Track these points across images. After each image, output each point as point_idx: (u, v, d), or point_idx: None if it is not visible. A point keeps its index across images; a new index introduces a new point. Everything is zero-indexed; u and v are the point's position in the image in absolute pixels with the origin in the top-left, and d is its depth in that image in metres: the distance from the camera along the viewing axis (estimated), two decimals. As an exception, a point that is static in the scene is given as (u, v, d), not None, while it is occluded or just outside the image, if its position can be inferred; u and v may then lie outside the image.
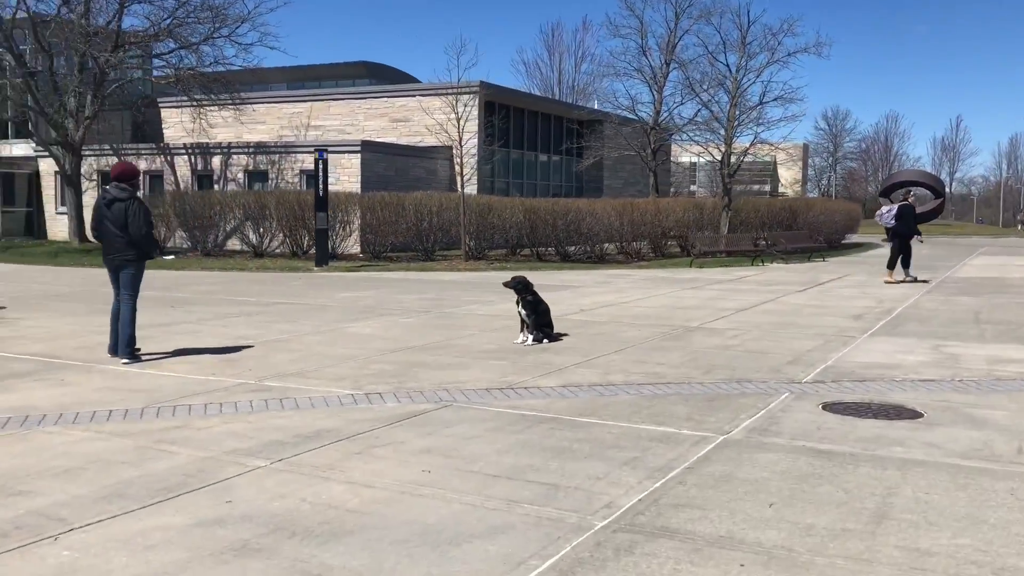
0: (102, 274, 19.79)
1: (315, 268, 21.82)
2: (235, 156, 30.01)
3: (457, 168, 25.35)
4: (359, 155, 28.07)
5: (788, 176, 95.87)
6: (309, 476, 4.88)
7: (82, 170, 31.91)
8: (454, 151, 26.34)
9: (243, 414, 6.35)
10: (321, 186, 22.30)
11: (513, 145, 36.34)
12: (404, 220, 25.01)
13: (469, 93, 31.77)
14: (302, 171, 28.99)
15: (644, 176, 38.45)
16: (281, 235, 25.23)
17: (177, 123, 37.21)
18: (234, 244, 25.97)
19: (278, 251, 25.35)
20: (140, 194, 9.12)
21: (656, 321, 11.87)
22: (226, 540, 3.94)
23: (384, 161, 29.29)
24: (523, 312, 9.94)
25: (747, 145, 29.14)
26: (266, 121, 35.58)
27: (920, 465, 5.23)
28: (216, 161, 30.33)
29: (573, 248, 25.98)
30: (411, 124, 32.98)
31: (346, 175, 28.25)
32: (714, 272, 21.63)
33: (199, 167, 30.73)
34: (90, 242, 28.79)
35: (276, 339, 10.03)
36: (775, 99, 28.08)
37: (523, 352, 9.27)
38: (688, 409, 6.65)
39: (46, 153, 32.79)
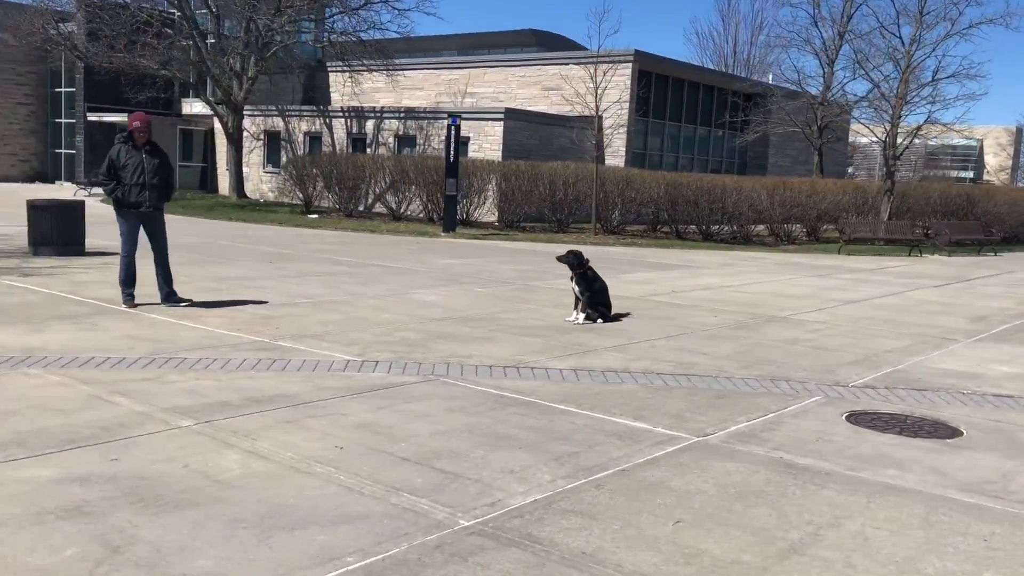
0: (239, 228, 20.94)
1: (442, 234, 21.97)
2: (387, 121, 30.66)
3: (595, 138, 24.73)
4: (502, 123, 27.97)
5: (995, 163, 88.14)
6: (217, 441, 4.74)
7: (251, 130, 33.72)
8: (596, 121, 25.72)
9: (222, 371, 6.32)
10: (452, 153, 22.34)
11: (670, 117, 35.17)
12: (538, 190, 24.72)
13: (621, 62, 30.97)
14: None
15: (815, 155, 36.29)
16: (419, 200, 25.55)
17: (343, 87, 38.46)
18: (379, 207, 26.57)
19: (417, 215, 25.70)
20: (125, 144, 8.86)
21: (742, 308, 11.05)
22: (68, 499, 3.84)
23: (528, 130, 29.05)
24: (577, 288, 9.47)
25: (916, 125, 26.77)
26: (424, 87, 36.13)
27: (900, 493, 4.47)
28: (369, 125, 31.12)
29: (717, 227, 24.88)
30: (562, 92, 32.52)
31: (489, 143, 28.25)
32: (860, 260, 20.08)
33: (354, 130, 31.64)
34: (247, 197, 30.39)
35: (333, 300, 10.04)
36: (951, 75, 25.58)
37: (565, 330, 8.82)
38: (684, 406, 6.05)
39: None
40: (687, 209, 24.71)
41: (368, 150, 30.72)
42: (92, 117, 33.96)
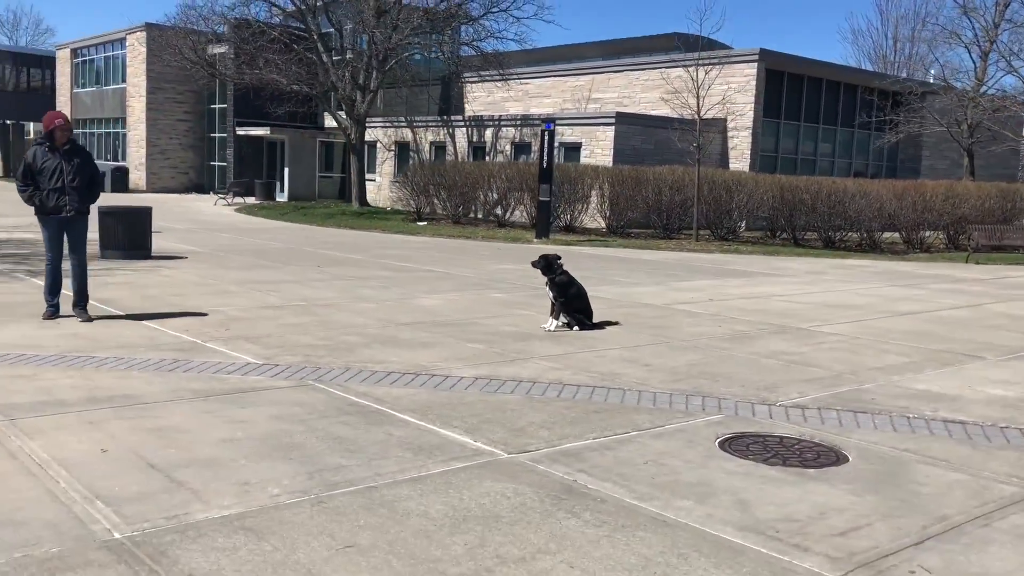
0: (336, 234, 21.55)
1: (535, 240, 21.73)
2: (504, 129, 30.77)
3: (697, 140, 23.74)
4: (612, 128, 27.42)
5: None
6: (-6, 438, 4.76)
7: (383, 141, 34.79)
8: (698, 123, 24.68)
9: (104, 370, 6.40)
10: (546, 158, 22.10)
11: (806, 118, 33.31)
12: (643, 195, 24.03)
13: (745, 61, 29.70)
14: (561, 143, 28.99)
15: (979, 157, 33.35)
16: (522, 207, 25.45)
17: (476, 97, 39.00)
18: (486, 214, 26.67)
19: (521, 222, 25.58)
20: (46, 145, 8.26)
21: (764, 318, 10.19)
22: None
23: (642, 134, 28.32)
24: (550, 294, 8.99)
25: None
26: (551, 95, 36.01)
27: (659, 527, 3.88)
28: (488, 134, 31.34)
29: (839, 234, 23.29)
30: (684, 95, 31.53)
31: (600, 148, 27.76)
32: (980, 271, 18.22)
33: (475, 139, 31.96)
34: (369, 206, 31.31)
35: (325, 303, 10.04)
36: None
37: (526, 338, 8.40)
38: (542, 419, 5.56)
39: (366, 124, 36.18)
40: (804, 214, 23.28)
41: (487, 158, 30.94)
42: (240, 131, 36.07)
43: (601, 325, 9.15)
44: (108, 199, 22.53)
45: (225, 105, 37.33)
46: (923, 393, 6.72)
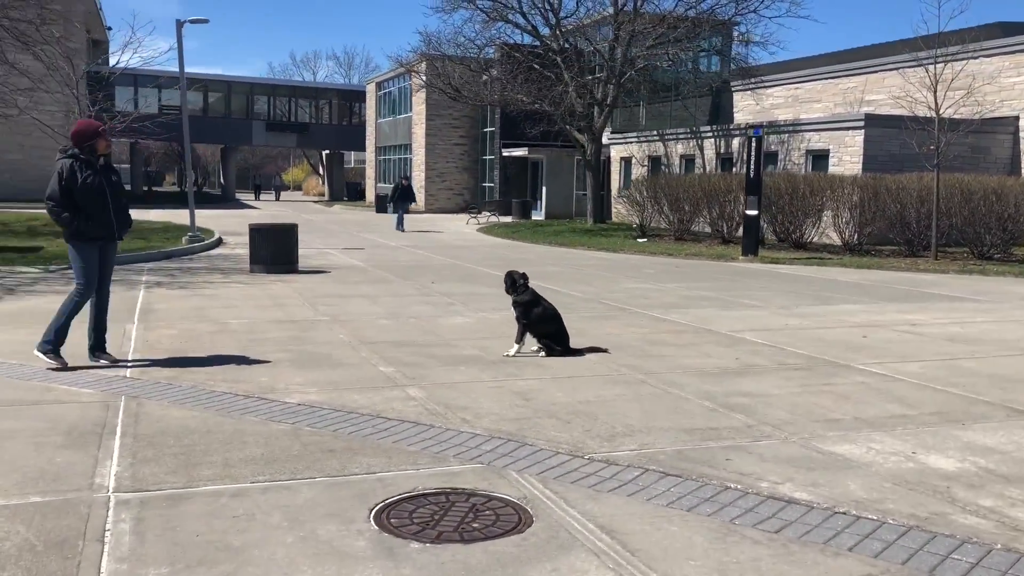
0: (536, 251, 21.32)
1: (740, 258, 19.98)
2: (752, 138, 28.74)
3: (934, 142, 20.40)
4: (862, 132, 24.47)
5: None
6: None
7: (636, 156, 34.19)
8: (936, 121, 21.21)
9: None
10: (753, 168, 20.26)
11: None
12: (883, 208, 21.15)
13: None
14: (808, 151, 26.52)
15: None
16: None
17: (746, 105, 36.99)
18: (709, 227, 25.10)
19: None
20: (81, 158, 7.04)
21: (817, 352, 8.41)
22: None
23: (900, 138, 24.94)
24: (515, 315, 8.08)
25: None
26: (821, 99, 33.07)
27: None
28: (735, 144, 29.52)
29: None
30: (976, 94, 27.34)
31: (848, 155, 24.92)
32: None
33: (722, 150, 30.28)
34: (604, 223, 30.81)
35: (350, 319, 9.90)
36: None
37: (460, 363, 7.62)
38: (266, 453, 4.93)
39: (618, 140, 35.93)
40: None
41: (734, 169, 29.14)
42: (505, 152, 37.37)
43: (580, 351, 8.05)
44: (319, 217, 23.97)
45: (494, 128, 38.85)
46: (833, 456, 5.04)
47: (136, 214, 28.82)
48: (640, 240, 24.80)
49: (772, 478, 4.70)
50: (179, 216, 27.44)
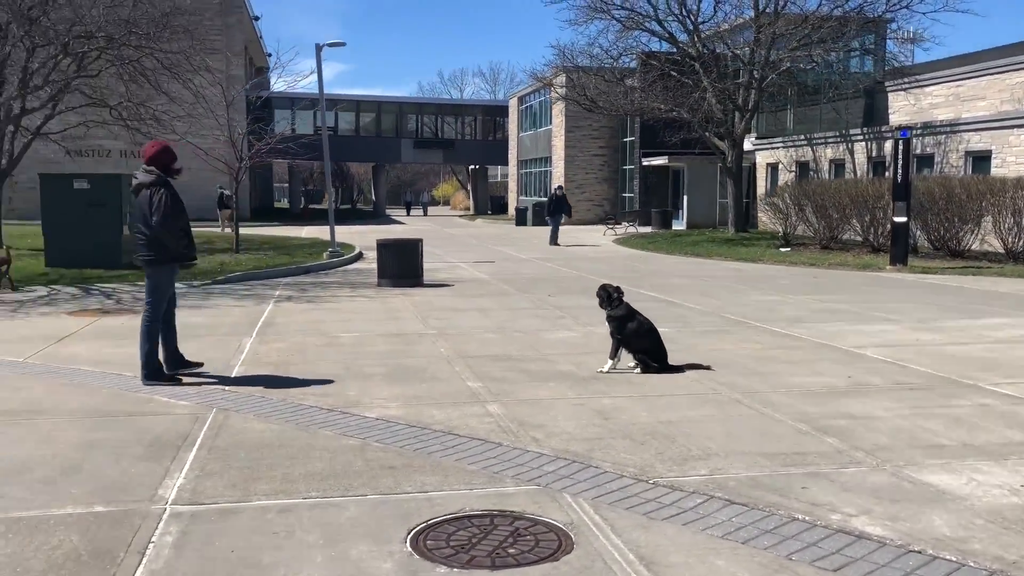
0: (679, 264, 20.80)
1: (887, 267, 18.87)
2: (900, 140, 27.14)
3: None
4: (1028, 129, 22.64)
5: None
6: None
7: (783, 162, 33.02)
8: None
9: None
10: (901, 172, 19.11)
11: None
12: (1047, 212, 19.51)
13: None
14: (967, 152, 24.81)
15: None
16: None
17: (901, 107, 35.03)
18: (856, 235, 23.84)
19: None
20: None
21: (944, 370, 7.79)
22: None
23: (1073, 135, 22.93)
24: (609, 330, 7.87)
25: None
26: (985, 96, 30.80)
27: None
28: (887, 146, 27.93)
29: None
30: None
31: (1012, 155, 23.12)
32: None
33: (874, 154, 28.76)
34: (747, 231, 29.79)
35: (441, 331, 9.96)
36: None
37: (557, 378, 7.48)
38: (327, 467, 4.98)
39: (764, 146, 34.84)
40: None
41: (886, 174, 27.60)
42: (644, 162, 36.90)
43: (679, 368, 7.75)
44: (459, 231, 24.22)
45: (633, 138, 38.45)
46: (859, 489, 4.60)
47: (288, 231, 30.14)
48: (782, 249, 23.84)
49: (847, 509, 4.32)
50: (324, 232, 28.51)
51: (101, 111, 23.51)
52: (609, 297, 7.86)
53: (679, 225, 35.85)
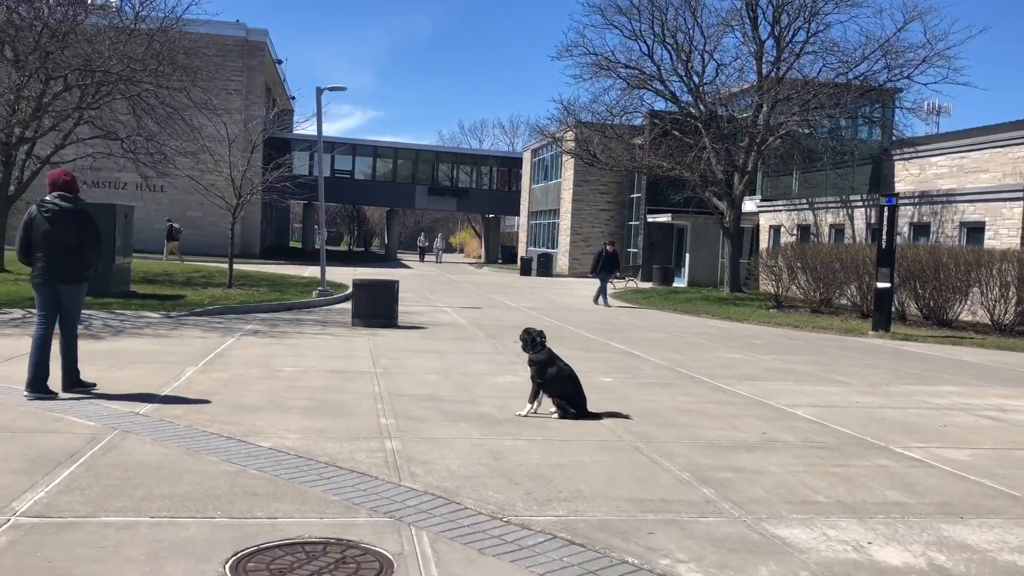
0: (659, 319, 20.84)
1: (870, 333, 18.80)
2: (903, 208, 27.20)
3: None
4: (1021, 203, 22.65)
5: None
6: None
7: (785, 224, 33.10)
8: None
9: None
10: (885, 238, 19.16)
11: None
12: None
13: None
14: (962, 223, 24.81)
15: None
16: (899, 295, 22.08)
17: (907, 175, 35.14)
18: (846, 301, 23.78)
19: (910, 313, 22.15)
20: None
21: (863, 432, 7.77)
22: None
23: (1068, 211, 22.89)
24: (530, 373, 7.93)
25: None
26: (988, 169, 30.82)
27: None
28: (885, 213, 27.96)
29: None
30: None
31: (1004, 228, 23.10)
32: None
33: (872, 220, 28.77)
34: (742, 291, 29.75)
35: (386, 370, 10.05)
36: None
37: (471, 419, 7.53)
38: (192, 490, 5.05)
39: (768, 208, 34.97)
40: None
41: (899, 239, 27.59)
42: (649, 218, 37.11)
43: (597, 415, 7.78)
44: (462, 277, 24.21)
45: (639, 194, 38.72)
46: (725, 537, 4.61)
47: (292, 269, 30.31)
48: (771, 311, 23.82)
49: (680, 555, 4.34)
50: (332, 273, 28.68)
51: (111, 144, 24.14)
52: (533, 341, 7.94)
53: (680, 282, 35.88)
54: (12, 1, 20.35)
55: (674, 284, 35.64)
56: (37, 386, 7.56)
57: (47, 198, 7.69)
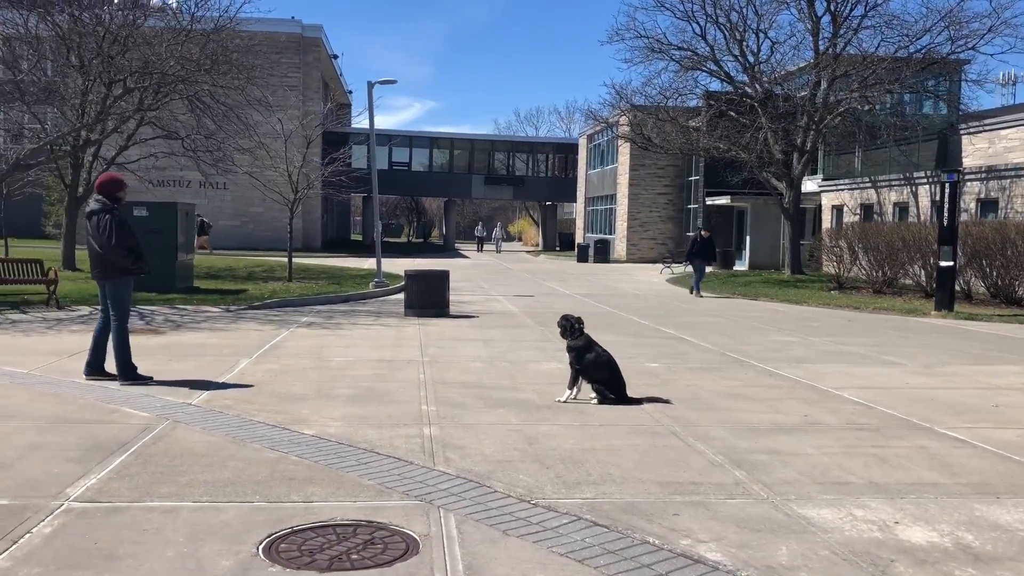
0: (715, 305, 20.62)
1: (931, 313, 18.39)
2: (969, 184, 26.46)
3: None
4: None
5: None
6: None
7: (849, 204, 32.48)
8: None
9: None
10: (947, 215, 18.67)
11: None
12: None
13: None
14: (1030, 197, 24.00)
15: None
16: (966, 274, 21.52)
17: (976, 149, 34.12)
18: (910, 280, 23.24)
19: (976, 292, 21.61)
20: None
21: (908, 413, 7.68)
22: None
23: None
24: (569, 360, 8.01)
25: None
26: (1060, 140, 29.87)
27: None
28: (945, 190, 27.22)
29: None
30: None
31: (1018, 204, 22.31)
32: None
33: (936, 197, 28.02)
34: (802, 274, 29.29)
35: (433, 359, 10.21)
36: None
37: (511, 405, 7.65)
38: (233, 476, 5.28)
39: (830, 188, 34.33)
40: None
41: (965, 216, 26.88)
42: (708, 201, 36.74)
43: (637, 401, 7.83)
44: (518, 265, 24.33)
45: (697, 177, 38.33)
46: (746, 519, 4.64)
47: (352, 262, 30.83)
48: (832, 292, 23.42)
49: (701, 536, 4.39)
50: (389, 265, 29.06)
51: (172, 143, 24.84)
52: (571, 328, 8.02)
53: (741, 266, 35.46)
54: (76, 8, 21.09)
55: (735, 267, 35.24)
56: (90, 369, 8.38)
57: (89, 200, 8.37)
